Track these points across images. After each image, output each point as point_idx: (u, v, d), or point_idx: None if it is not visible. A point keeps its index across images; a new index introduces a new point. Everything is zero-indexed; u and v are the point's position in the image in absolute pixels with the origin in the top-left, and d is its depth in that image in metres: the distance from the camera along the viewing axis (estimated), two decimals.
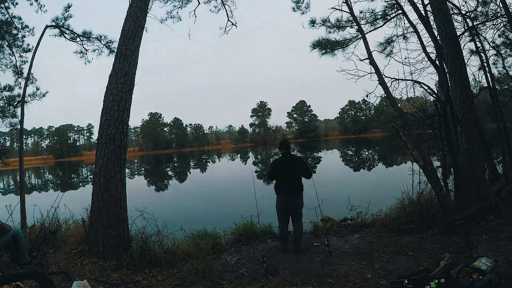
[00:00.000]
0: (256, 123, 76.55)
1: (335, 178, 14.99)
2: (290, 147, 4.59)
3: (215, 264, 4.09)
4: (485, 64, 7.35)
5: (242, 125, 78.67)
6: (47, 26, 7.83)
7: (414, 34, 6.55)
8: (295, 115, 77.78)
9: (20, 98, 7.63)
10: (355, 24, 6.61)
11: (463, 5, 8.33)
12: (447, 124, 5.52)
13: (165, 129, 78.39)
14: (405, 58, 8.48)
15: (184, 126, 78.58)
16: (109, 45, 8.32)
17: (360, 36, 6.60)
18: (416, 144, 4.95)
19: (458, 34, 5.48)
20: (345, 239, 4.87)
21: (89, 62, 8.62)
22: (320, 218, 5.34)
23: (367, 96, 6.24)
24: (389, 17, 7.23)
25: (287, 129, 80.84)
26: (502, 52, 7.78)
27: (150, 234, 4.31)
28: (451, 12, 6.17)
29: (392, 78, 6.35)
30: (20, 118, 7.58)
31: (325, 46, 7.32)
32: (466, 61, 5.57)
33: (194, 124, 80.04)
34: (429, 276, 3.06)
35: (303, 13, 7.72)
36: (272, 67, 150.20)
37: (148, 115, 76.90)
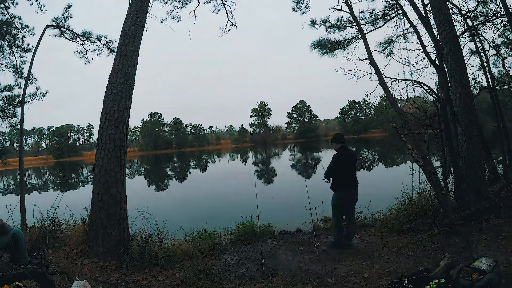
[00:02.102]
0: (256, 123, 76.65)
1: None
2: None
3: (215, 264, 4.09)
4: (485, 64, 7.35)
5: (242, 125, 78.90)
6: (47, 26, 7.84)
7: (414, 34, 6.55)
8: (295, 115, 77.84)
9: (20, 98, 7.63)
10: (355, 24, 6.61)
11: (463, 5, 8.36)
12: (447, 124, 5.52)
13: (165, 129, 78.44)
14: (405, 58, 8.50)
15: (184, 126, 78.68)
16: (109, 45, 8.33)
17: (360, 36, 6.60)
18: (416, 144, 4.95)
19: (458, 34, 5.48)
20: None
21: (89, 62, 8.64)
22: (320, 218, 5.35)
23: (367, 96, 6.25)
24: (389, 17, 7.23)
25: (287, 129, 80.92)
26: (502, 52, 7.78)
27: (150, 234, 4.30)
28: (451, 12, 6.17)
29: (392, 78, 6.36)
30: (20, 118, 7.58)
31: (325, 46, 7.33)
32: (466, 61, 5.57)
33: (194, 124, 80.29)
34: (429, 276, 3.05)
35: (303, 13, 7.73)
36: (272, 67, 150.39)
37: (148, 115, 77.10)
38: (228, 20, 8.45)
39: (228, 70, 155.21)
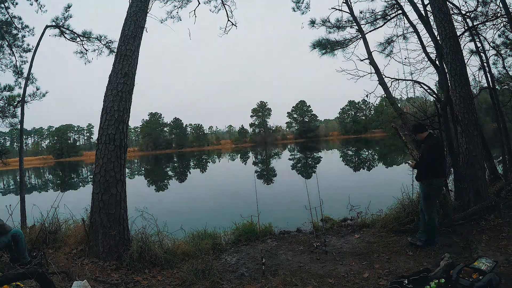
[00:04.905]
0: (256, 123, 76.61)
1: (335, 178, 14.99)
2: None
3: (215, 264, 4.09)
4: (485, 64, 7.36)
5: (242, 125, 78.91)
6: (47, 26, 7.83)
7: (414, 34, 6.55)
8: (295, 115, 77.83)
9: (20, 98, 7.63)
10: (355, 24, 6.62)
11: (463, 5, 8.37)
12: (447, 124, 5.51)
13: (165, 129, 78.42)
14: (405, 58, 8.50)
15: (184, 126, 78.64)
16: (109, 45, 8.33)
17: (360, 36, 6.61)
18: (416, 144, 4.95)
19: (458, 34, 5.48)
20: (345, 239, 4.87)
21: (89, 62, 8.65)
22: (320, 218, 5.34)
23: (367, 96, 6.26)
24: (389, 17, 7.23)
25: (287, 129, 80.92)
26: (502, 52, 7.78)
27: (150, 234, 4.30)
28: (451, 12, 6.17)
29: (392, 78, 6.36)
30: (20, 118, 7.58)
31: (325, 46, 7.33)
32: (466, 61, 5.57)
33: (194, 124, 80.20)
34: (429, 276, 3.05)
35: (303, 13, 7.75)
36: (272, 67, 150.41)
37: (148, 115, 77.06)
38: (228, 20, 8.46)
39: (227, 70, 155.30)
